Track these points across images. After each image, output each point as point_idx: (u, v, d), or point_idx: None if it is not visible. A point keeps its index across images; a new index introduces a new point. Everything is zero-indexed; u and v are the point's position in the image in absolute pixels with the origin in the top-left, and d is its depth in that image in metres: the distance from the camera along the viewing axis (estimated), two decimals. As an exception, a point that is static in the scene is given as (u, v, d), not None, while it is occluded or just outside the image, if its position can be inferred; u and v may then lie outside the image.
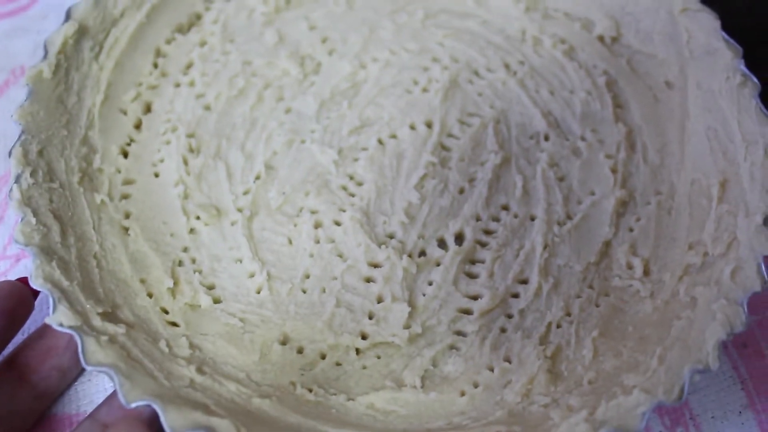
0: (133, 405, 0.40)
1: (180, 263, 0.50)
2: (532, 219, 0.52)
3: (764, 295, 0.47)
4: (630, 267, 0.50)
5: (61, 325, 0.42)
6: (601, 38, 0.58)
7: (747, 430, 0.50)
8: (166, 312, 0.48)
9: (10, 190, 0.46)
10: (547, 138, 0.55)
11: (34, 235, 0.45)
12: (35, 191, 0.47)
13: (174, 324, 0.48)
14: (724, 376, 0.51)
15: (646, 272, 0.50)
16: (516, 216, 0.52)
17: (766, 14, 0.62)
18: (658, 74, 0.56)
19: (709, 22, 0.53)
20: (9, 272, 0.55)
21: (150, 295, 0.49)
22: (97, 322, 0.43)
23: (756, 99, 0.50)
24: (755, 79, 0.50)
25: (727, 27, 0.52)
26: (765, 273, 0.45)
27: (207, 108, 0.56)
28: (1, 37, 0.62)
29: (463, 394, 0.46)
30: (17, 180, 0.47)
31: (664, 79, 0.55)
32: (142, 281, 0.49)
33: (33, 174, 0.47)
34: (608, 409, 0.40)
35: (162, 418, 0.40)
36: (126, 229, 0.51)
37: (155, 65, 0.57)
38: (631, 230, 0.51)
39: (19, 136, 0.48)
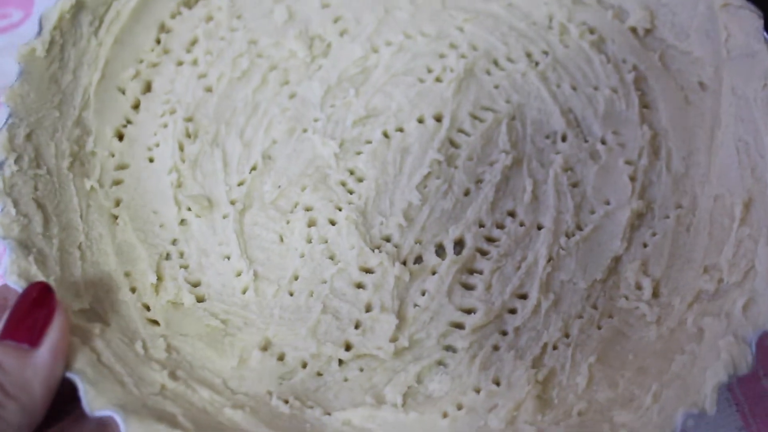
0: (97, 414, 0.39)
1: (167, 257, 0.49)
2: (539, 228, 0.49)
3: None
4: (639, 287, 0.47)
5: None
6: (633, 29, 0.54)
7: (743, 453, 0.48)
8: (148, 309, 0.47)
9: (-8, 177, 0.45)
10: (564, 138, 0.51)
11: (14, 227, 0.44)
12: (19, 179, 0.46)
13: (154, 322, 0.46)
14: (720, 398, 0.48)
15: (656, 294, 0.46)
16: (522, 224, 0.49)
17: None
18: (692, 73, 0.52)
19: (751, 20, 0.49)
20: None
21: (133, 290, 0.47)
22: (71, 320, 0.42)
23: (794, 112, 0.46)
24: (795, 89, 0.46)
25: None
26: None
27: (208, 90, 0.53)
28: None
29: (445, 415, 0.44)
30: (0, 167, 0.45)
31: (697, 79, 0.51)
32: (127, 274, 0.48)
33: (18, 160, 0.46)
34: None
35: (123, 430, 0.39)
36: (115, 218, 0.49)
37: (158, 41, 0.55)
38: (645, 246, 0.48)
39: (6, 120, 0.47)
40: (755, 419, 0.49)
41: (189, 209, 0.50)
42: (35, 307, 0.41)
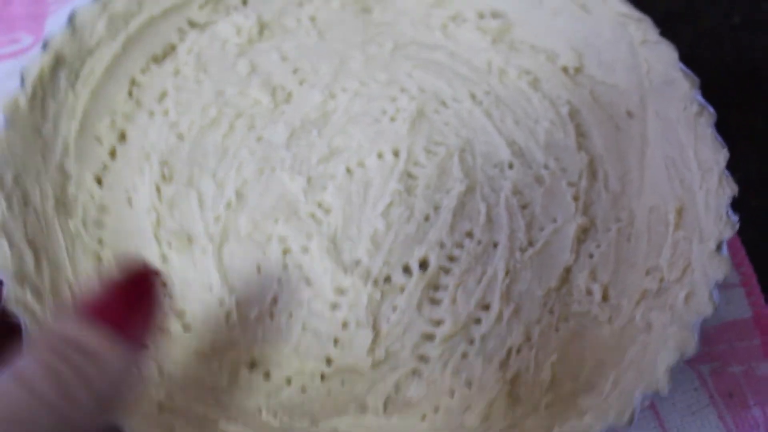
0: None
1: (151, 289, 0.52)
2: (495, 245, 0.53)
3: (749, 345, 0.49)
4: (589, 293, 0.51)
5: None
6: (564, 69, 0.59)
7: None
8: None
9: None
10: (511, 166, 0.56)
11: (8, 263, 0.46)
12: (10, 219, 0.48)
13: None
14: (710, 426, 0.52)
15: (605, 297, 0.51)
16: (479, 242, 0.53)
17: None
18: (620, 104, 0.57)
19: (667, 52, 0.55)
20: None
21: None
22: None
23: (711, 128, 0.52)
24: (711, 109, 0.52)
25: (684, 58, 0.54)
26: (716, 298, 0.47)
27: (180, 137, 0.57)
28: (2, 77, 0.63)
29: (424, 417, 0.47)
30: (-12, 208, 0.48)
31: (625, 108, 0.57)
32: (113, 307, 0.50)
33: (8, 200, 0.49)
34: (561, 432, 0.42)
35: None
36: (99, 257, 0.52)
37: (130, 94, 0.58)
38: (591, 256, 0.53)
39: (-6, 164, 0.50)
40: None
41: (170, 245, 0.53)
42: (146, 298, 0.40)
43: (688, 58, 0.54)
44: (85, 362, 0.36)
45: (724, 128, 0.52)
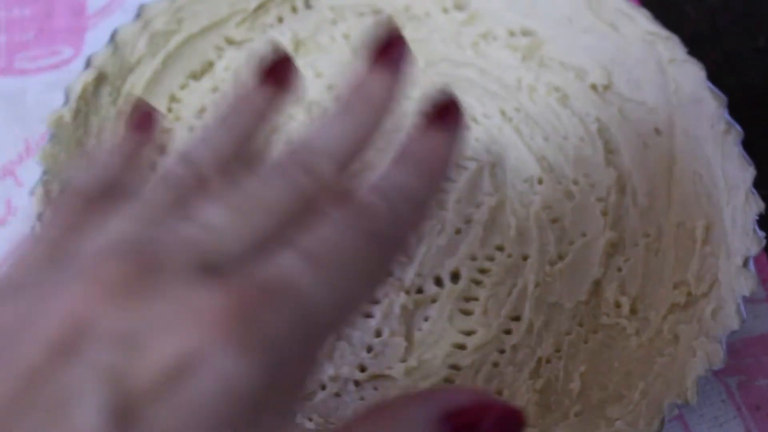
0: None
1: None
2: (525, 258, 0.54)
3: None
4: (618, 305, 0.52)
5: None
6: (593, 86, 0.60)
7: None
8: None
9: (32, 227, 0.49)
10: (540, 182, 0.57)
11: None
12: (55, 229, 0.50)
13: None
14: None
15: (633, 310, 0.52)
16: (510, 255, 0.54)
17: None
18: (648, 121, 0.58)
19: (695, 72, 0.56)
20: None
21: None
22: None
23: (738, 146, 0.53)
24: (738, 127, 0.53)
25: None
26: (744, 312, 0.47)
27: (218, 150, 0.58)
28: (44, 89, 0.65)
29: (456, 425, 0.48)
30: (39, 218, 0.50)
31: (653, 125, 0.58)
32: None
33: (53, 212, 0.51)
34: (591, 440, 0.43)
35: None
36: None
37: (169, 110, 0.60)
38: (620, 270, 0.54)
39: (41, 177, 0.51)
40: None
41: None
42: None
43: (714, 79, 0.55)
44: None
45: (750, 148, 0.53)
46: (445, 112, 0.36)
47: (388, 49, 0.36)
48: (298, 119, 0.60)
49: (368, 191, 0.31)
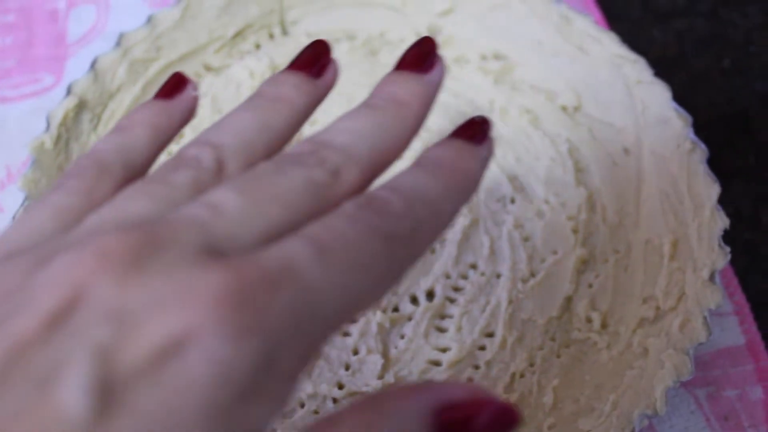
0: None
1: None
2: (498, 276, 0.56)
3: (743, 371, 0.51)
4: (589, 320, 0.54)
5: None
6: (564, 108, 0.62)
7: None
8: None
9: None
10: (513, 201, 0.59)
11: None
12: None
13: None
14: None
15: (604, 325, 0.53)
16: (483, 274, 0.56)
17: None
18: (617, 141, 0.60)
19: (661, 92, 0.57)
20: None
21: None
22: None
23: (704, 164, 0.54)
24: (703, 146, 0.55)
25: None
26: (710, 325, 0.49)
27: (197, 175, 0.60)
28: (25, 116, 0.66)
29: (432, 439, 0.49)
30: (20, 242, 0.51)
31: (622, 145, 0.59)
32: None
33: (34, 237, 0.51)
34: (562, 452, 0.44)
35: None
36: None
37: (149, 135, 0.61)
38: (591, 286, 0.55)
39: (23, 202, 0.52)
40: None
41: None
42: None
43: (680, 100, 0.56)
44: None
45: (717, 166, 0.54)
46: (475, 128, 0.36)
47: (420, 56, 0.35)
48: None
49: (385, 188, 0.29)
